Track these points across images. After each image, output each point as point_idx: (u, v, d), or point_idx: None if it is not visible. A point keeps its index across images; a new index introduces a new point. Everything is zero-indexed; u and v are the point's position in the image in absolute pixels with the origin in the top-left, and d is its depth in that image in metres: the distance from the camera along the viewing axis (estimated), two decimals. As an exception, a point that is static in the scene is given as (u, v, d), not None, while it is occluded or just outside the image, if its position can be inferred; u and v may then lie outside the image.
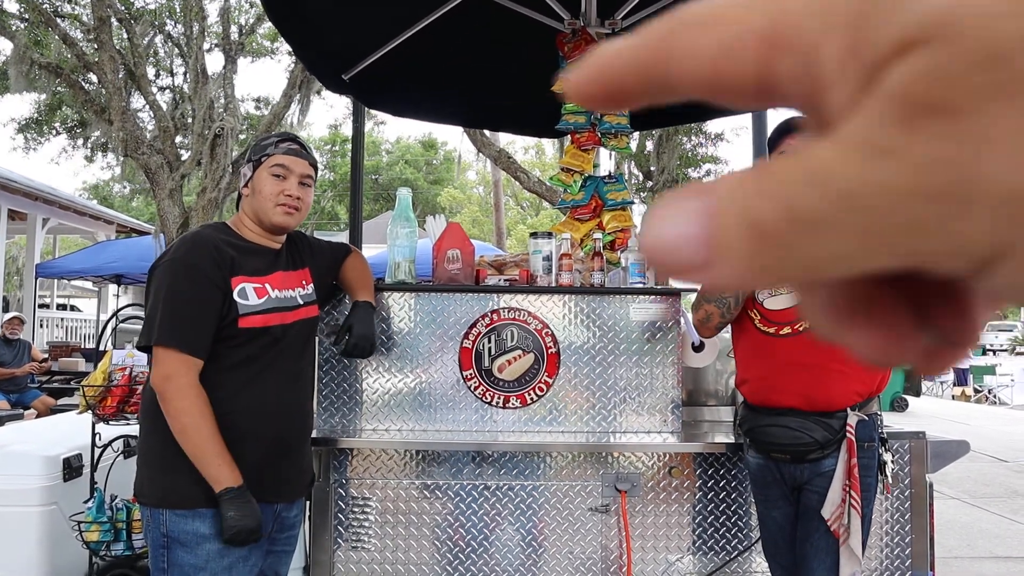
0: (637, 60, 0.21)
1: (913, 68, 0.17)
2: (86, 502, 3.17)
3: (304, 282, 2.16)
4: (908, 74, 0.17)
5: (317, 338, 2.63)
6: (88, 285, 16.71)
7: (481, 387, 2.76)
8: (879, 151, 0.17)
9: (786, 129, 2.22)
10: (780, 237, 0.17)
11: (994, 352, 30.77)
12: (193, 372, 1.88)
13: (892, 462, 2.42)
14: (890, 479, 2.23)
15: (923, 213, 0.16)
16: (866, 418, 2.17)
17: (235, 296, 1.95)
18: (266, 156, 2.07)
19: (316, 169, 2.15)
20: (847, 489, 2.11)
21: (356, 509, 2.61)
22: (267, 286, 2.02)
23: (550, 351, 2.77)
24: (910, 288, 0.21)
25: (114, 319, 3.89)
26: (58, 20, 13.51)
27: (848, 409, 2.16)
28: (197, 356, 1.89)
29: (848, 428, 2.14)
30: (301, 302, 2.12)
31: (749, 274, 0.18)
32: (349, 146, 5.02)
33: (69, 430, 3.85)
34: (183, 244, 1.99)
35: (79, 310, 19.36)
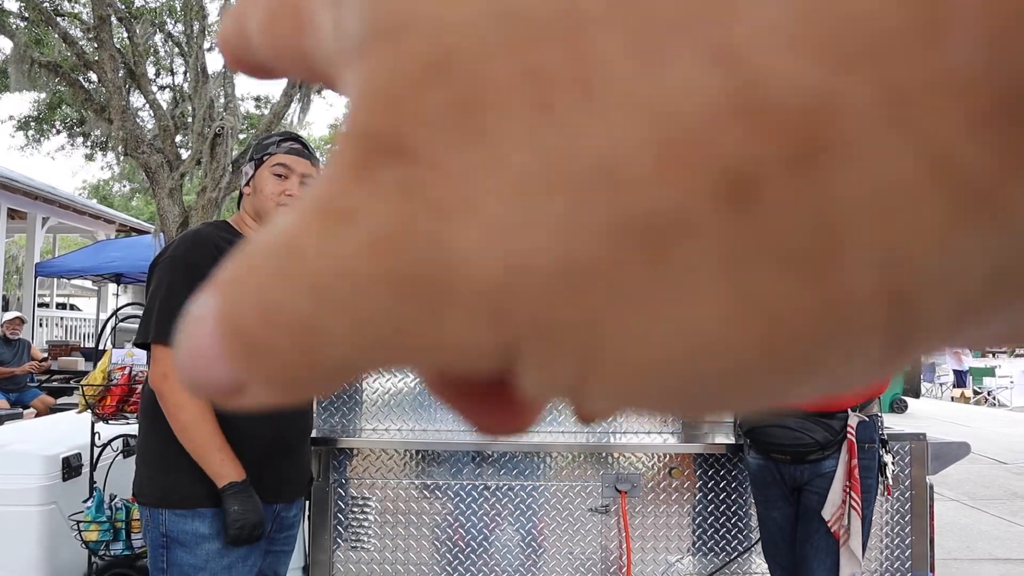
0: (236, 26, 0.17)
1: (368, 79, 0.12)
2: (85, 502, 3.16)
3: None
4: (363, 90, 0.12)
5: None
6: (88, 284, 16.72)
7: (481, 387, 2.75)
8: (341, 215, 0.12)
9: None
10: (263, 345, 0.13)
11: (993, 354, 30.78)
12: None
13: (893, 463, 2.42)
14: (890, 480, 2.23)
15: (395, 307, 0.12)
16: (867, 419, 2.17)
17: None
18: (268, 155, 2.07)
19: (318, 169, 2.15)
20: (847, 490, 2.11)
21: (356, 509, 2.60)
22: None
23: (550, 351, 2.76)
24: None
25: (114, 318, 3.89)
26: (58, 19, 13.51)
27: (849, 410, 2.16)
28: None
29: (848, 429, 2.14)
30: None
31: (282, 396, 0.14)
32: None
33: (68, 429, 3.85)
34: (183, 242, 1.99)
35: (79, 309, 19.37)
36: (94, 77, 13.48)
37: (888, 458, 2.23)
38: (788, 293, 0.10)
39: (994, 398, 15.73)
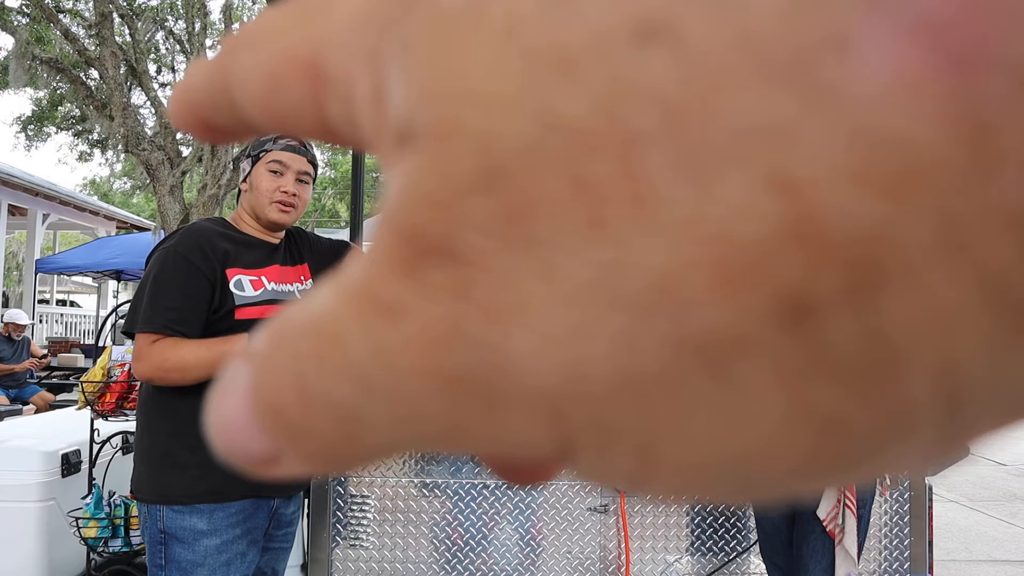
0: (209, 86, 0.16)
1: (417, 177, 0.12)
2: (84, 498, 3.17)
3: (303, 278, 2.16)
4: (411, 187, 0.12)
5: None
6: (88, 281, 16.73)
7: (481, 386, 2.76)
8: (387, 310, 0.12)
9: None
10: (300, 425, 0.13)
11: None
12: (159, 340, 1.85)
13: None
14: (887, 479, 2.23)
15: (447, 404, 0.12)
16: None
17: (231, 287, 1.94)
18: (264, 152, 2.07)
19: (315, 166, 2.15)
20: (842, 489, 2.11)
21: (355, 507, 2.61)
22: (263, 278, 2.02)
23: (550, 350, 2.77)
24: None
25: (113, 315, 3.89)
26: (60, 15, 13.51)
27: None
28: (173, 332, 1.86)
29: None
30: (300, 297, 2.12)
31: (310, 467, 0.14)
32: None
33: (68, 426, 3.85)
34: (178, 235, 2.00)
35: (79, 306, 19.38)
36: (95, 74, 13.48)
37: None
38: (843, 405, 0.11)
39: (994, 400, 15.75)
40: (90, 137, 18.18)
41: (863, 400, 0.11)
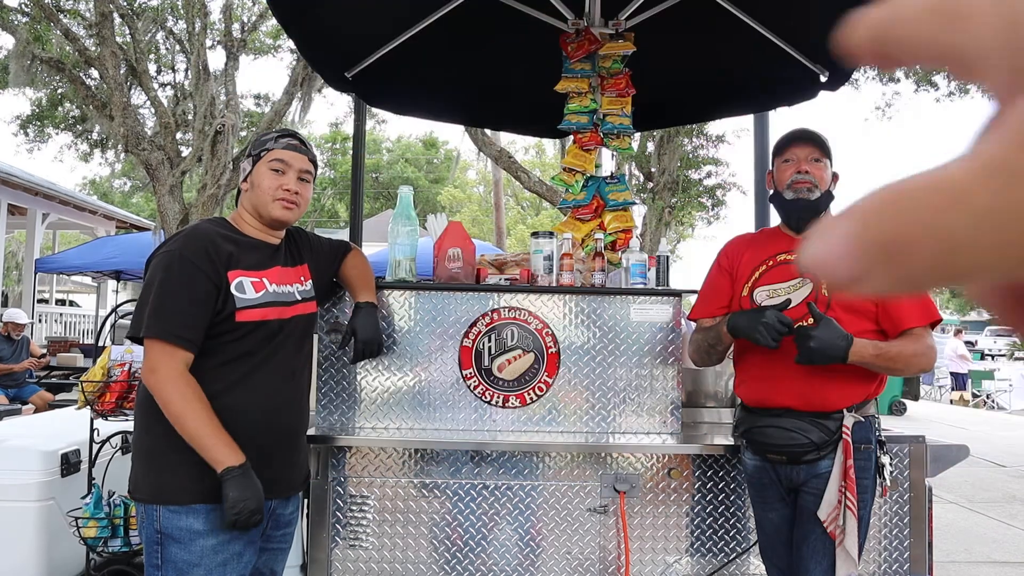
0: (904, 26, 0.22)
1: None
2: (84, 498, 3.16)
3: (303, 278, 2.16)
4: None
5: (317, 335, 2.62)
6: (87, 281, 16.72)
7: (481, 386, 2.75)
8: (1016, 175, 0.17)
9: (793, 138, 2.27)
10: (919, 254, 0.19)
11: (993, 357, 30.77)
12: (179, 361, 1.86)
13: (891, 464, 2.42)
14: (888, 481, 2.22)
15: None
16: (863, 420, 2.17)
17: (232, 290, 1.94)
18: (265, 151, 2.07)
19: (315, 165, 2.15)
20: (843, 491, 2.10)
21: (354, 507, 2.60)
22: (265, 280, 2.02)
23: (550, 351, 2.76)
24: None
25: (113, 315, 3.88)
26: (60, 15, 13.50)
27: (844, 410, 2.15)
28: (185, 347, 1.87)
29: (844, 429, 2.13)
30: (299, 298, 2.12)
31: (890, 286, 0.20)
32: (350, 144, 5.02)
33: (67, 426, 3.85)
34: (179, 237, 1.99)
35: (78, 305, 19.36)
36: (95, 74, 13.47)
37: (886, 459, 2.22)
38: None
39: (993, 401, 15.72)
40: (90, 137, 18.16)
41: None
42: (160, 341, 1.86)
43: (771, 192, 2.35)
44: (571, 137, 3.71)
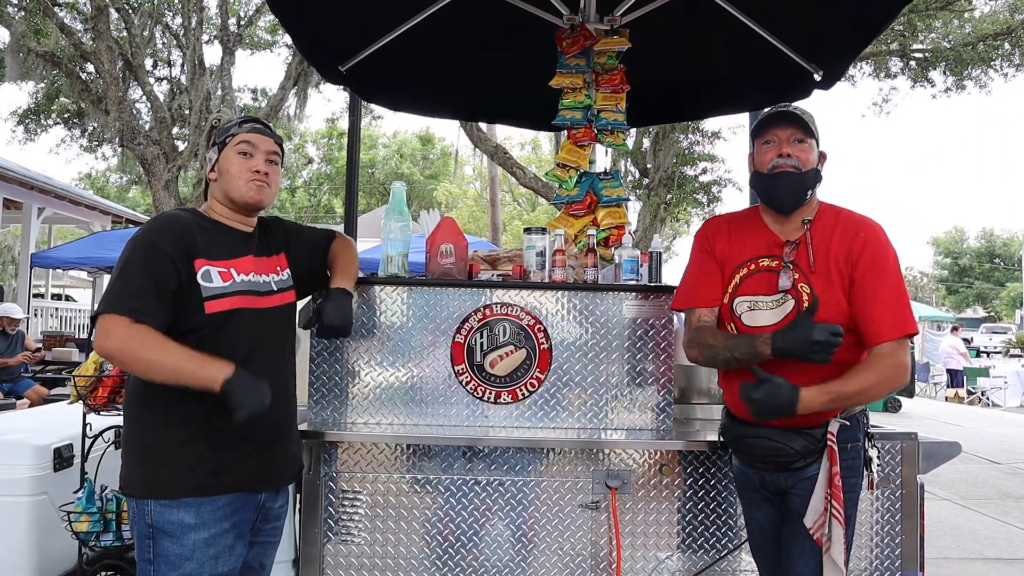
0: None
1: None
2: (76, 492, 3.16)
3: (279, 268, 2.16)
4: None
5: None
6: (83, 275, 16.68)
7: (473, 382, 2.75)
8: None
9: (774, 118, 2.14)
10: None
11: (987, 354, 30.84)
12: (130, 324, 1.82)
13: (878, 458, 2.40)
14: (875, 475, 2.20)
15: None
16: (847, 423, 2.11)
17: (199, 279, 1.93)
18: (230, 136, 2.08)
19: (282, 148, 2.15)
20: (828, 498, 2.06)
21: (346, 503, 2.61)
22: (232, 270, 2.00)
23: (542, 347, 2.76)
24: None
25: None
26: (56, 9, 13.45)
27: (830, 419, 2.09)
28: (135, 318, 1.83)
29: (829, 436, 2.07)
30: (275, 288, 2.11)
31: None
32: (346, 140, 5.01)
33: (60, 420, 3.85)
34: (149, 222, 2.02)
35: (74, 300, 19.32)
36: (91, 68, 13.43)
37: (873, 452, 2.19)
38: None
39: (988, 398, 15.75)
40: (86, 131, 18.11)
41: None
42: (110, 314, 1.83)
43: (751, 173, 2.22)
44: (565, 132, 3.71)
